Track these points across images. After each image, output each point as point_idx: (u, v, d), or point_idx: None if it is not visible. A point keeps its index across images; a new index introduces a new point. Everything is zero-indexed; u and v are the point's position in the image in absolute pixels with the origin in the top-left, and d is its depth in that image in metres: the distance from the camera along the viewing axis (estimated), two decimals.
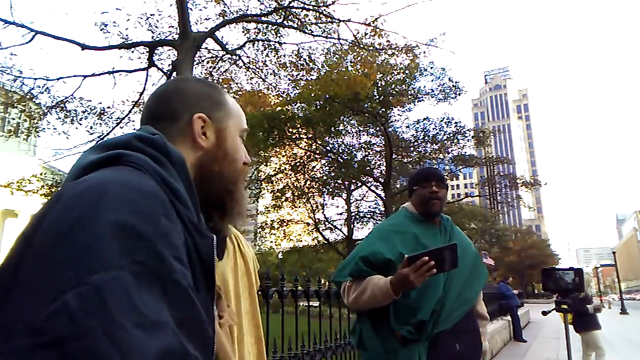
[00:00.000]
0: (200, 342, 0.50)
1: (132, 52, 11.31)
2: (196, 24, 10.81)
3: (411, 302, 1.65)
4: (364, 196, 21.46)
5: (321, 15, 10.41)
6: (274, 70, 12.40)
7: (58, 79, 10.67)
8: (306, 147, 18.46)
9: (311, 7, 10.24)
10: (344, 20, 10.14)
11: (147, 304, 0.43)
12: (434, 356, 1.63)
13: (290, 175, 18.74)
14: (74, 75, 10.70)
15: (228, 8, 10.79)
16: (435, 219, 1.89)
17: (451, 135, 17.73)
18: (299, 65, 11.93)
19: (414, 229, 1.82)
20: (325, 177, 18.86)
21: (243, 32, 11.53)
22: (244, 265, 1.50)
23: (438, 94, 16.56)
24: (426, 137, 17.97)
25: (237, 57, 11.78)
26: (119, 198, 0.49)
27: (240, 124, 0.80)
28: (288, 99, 13.76)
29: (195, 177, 0.70)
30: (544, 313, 4.42)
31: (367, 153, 18.95)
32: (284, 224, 20.42)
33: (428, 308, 1.64)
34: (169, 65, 10.91)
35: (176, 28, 10.38)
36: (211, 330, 0.58)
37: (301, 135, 17.10)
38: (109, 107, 12.39)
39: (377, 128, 17.36)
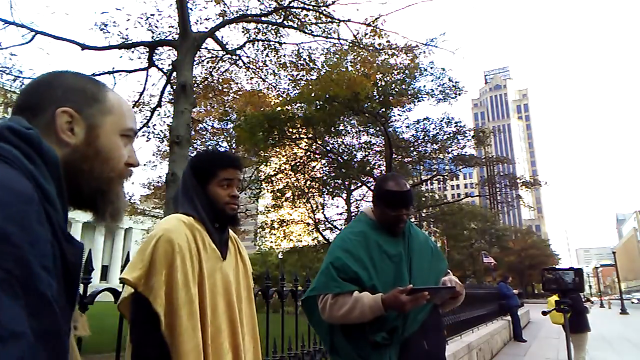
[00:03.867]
0: (56, 355, 0.49)
1: (132, 52, 11.31)
2: (196, 24, 10.81)
3: None
4: (364, 196, 21.44)
5: (321, 15, 10.40)
6: (274, 70, 12.40)
7: None
8: (306, 147, 18.46)
9: (311, 7, 10.22)
10: (344, 20, 10.14)
11: (7, 312, 0.43)
12: (405, 358, 1.68)
13: (290, 175, 18.74)
14: None
15: (228, 8, 10.78)
16: None
17: (451, 135, 17.72)
18: (299, 65, 11.92)
19: (375, 236, 1.82)
20: (325, 177, 18.86)
21: (243, 32, 11.53)
22: (243, 268, 1.55)
23: (438, 94, 16.54)
24: (426, 137, 17.96)
25: (237, 57, 11.77)
26: None
27: (122, 123, 0.75)
28: (288, 99, 13.75)
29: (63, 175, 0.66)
30: (544, 313, 4.44)
31: (367, 153, 18.94)
32: (284, 224, 20.42)
33: (399, 314, 1.67)
34: (169, 65, 10.92)
35: (176, 28, 10.37)
36: (67, 342, 0.55)
37: (301, 135, 17.09)
38: None
39: (377, 128, 17.34)
